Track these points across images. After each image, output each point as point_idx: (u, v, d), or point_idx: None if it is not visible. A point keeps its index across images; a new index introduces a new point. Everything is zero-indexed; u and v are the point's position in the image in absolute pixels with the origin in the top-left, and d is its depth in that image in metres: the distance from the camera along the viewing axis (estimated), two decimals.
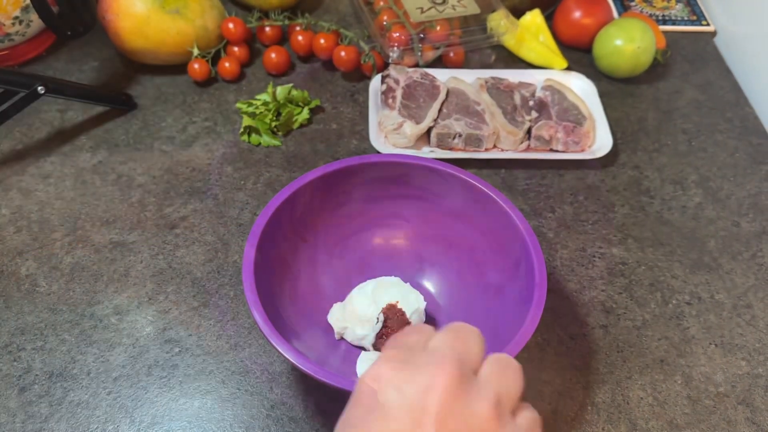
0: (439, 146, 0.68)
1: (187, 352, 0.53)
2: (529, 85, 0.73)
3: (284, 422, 0.49)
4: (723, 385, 0.54)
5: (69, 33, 0.67)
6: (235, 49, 0.76)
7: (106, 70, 0.76)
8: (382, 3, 0.78)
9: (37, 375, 0.51)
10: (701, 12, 0.89)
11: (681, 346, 0.56)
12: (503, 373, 0.29)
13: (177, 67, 0.75)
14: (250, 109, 0.71)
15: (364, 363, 0.50)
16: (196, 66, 0.73)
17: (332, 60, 0.75)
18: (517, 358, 0.54)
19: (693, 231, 0.65)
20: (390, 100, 0.68)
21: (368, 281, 0.53)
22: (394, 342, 0.30)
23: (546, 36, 0.80)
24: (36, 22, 0.72)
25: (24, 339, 0.53)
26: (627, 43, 0.74)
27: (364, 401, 0.26)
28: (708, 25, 0.88)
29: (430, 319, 0.54)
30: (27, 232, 0.60)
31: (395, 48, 0.73)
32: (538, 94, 0.72)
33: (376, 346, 0.51)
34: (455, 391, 0.26)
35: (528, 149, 0.69)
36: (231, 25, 0.74)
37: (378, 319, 0.49)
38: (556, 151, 0.69)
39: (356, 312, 0.50)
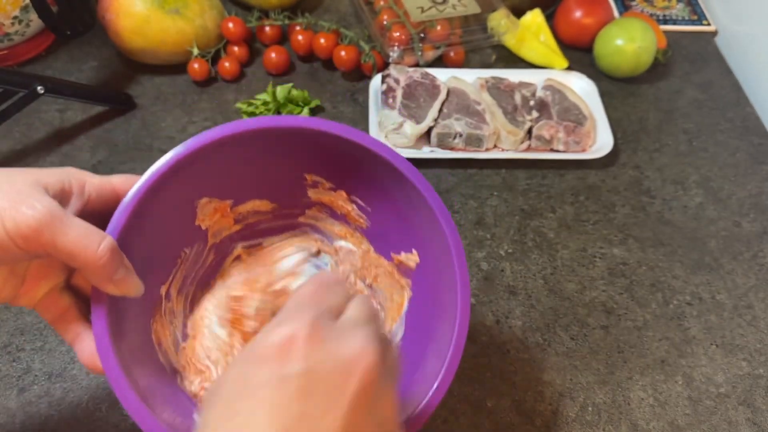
0: (439, 146, 0.68)
1: None
2: (530, 84, 0.73)
3: None
4: (724, 386, 0.53)
5: (68, 33, 0.67)
6: (235, 48, 0.76)
7: (105, 70, 0.76)
8: (382, 2, 0.77)
9: (36, 375, 0.51)
10: (702, 12, 0.89)
11: (682, 346, 0.56)
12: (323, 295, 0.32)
13: (177, 67, 0.75)
14: (250, 109, 0.70)
15: None
16: (195, 66, 0.73)
17: (332, 60, 0.75)
18: (517, 358, 0.54)
19: (694, 231, 0.64)
20: (390, 100, 0.68)
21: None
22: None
23: (547, 36, 0.80)
24: (35, 21, 0.72)
25: (23, 339, 0.53)
26: (628, 43, 0.74)
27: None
28: (709, 24, 0.87)
29: None
30: None
31: (395, 47, 0.73)
32: (539, 93, 0.72)
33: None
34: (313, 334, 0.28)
35: (528, 149, 0.69)
36: (231, 25, 0.74)
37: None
38: (557, 151, 0.69)
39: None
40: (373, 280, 0.48)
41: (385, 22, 0.75)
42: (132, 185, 0.36)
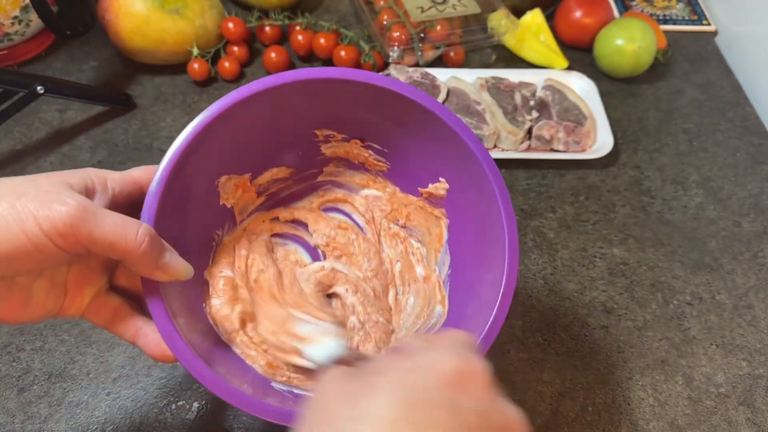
0: None
1: None
2: (530, 84, 0.73)
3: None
4: (724, 386, 0.53)
5: (68, 33, 0.67)
6: (235, 48, 0.76)
7: (105, 70, 0.76)
8: (382, 2, 0.77)
9: (36, 375, 0.51)
10: (702, 11, 0.89)
11: (682, 346, 0.56)
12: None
13: (176, 67, 0.75)
14: None
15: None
16: (195, 66, 0.73)
17: (332, 60, 0.75)
18: (517, 358, 0.54)
19: (694, 231, 0.64)
20: None
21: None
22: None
23: (547, 35, 0.80)
24: (35, 21, 0.72)
25: (23, 339, 0.53)
26: (628, 43, 0.74)
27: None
28: (709, 24, 0.87)
29: None
30: None
31: (395, 47, 0.73)
32: (539, 93, 0.72)
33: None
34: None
35: (529, 149, 0.69)
36: (231, 25, 0.74)
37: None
38: (557, 150, 0.69)
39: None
40: (406, 219, 0.49)
41: (385, 22, 0.75)
42: (152, 174, 0.36)
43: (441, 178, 0.45)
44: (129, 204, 0.36)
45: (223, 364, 0.38)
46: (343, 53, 0.74)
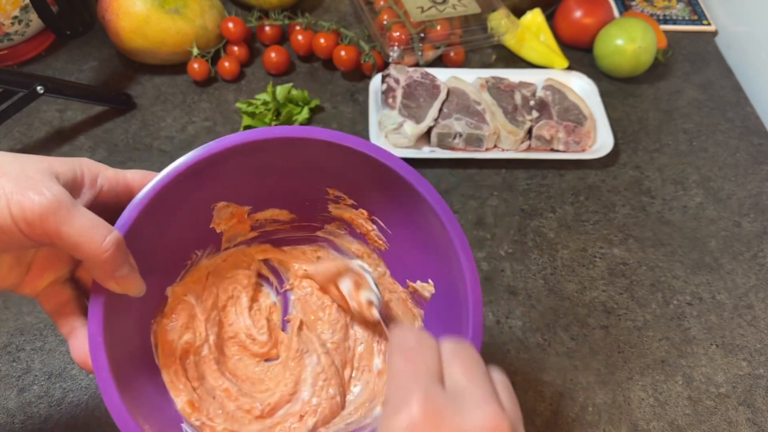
0: (439, 146, 0.68)
1: None
2: (530, 84, 0.73)
3: None
4: (724, 386, 0.53)
5: (68, 33, 0.67)
6: (235, 48, 0.76)
7: (105, 70, 0.76)
8: (382, 2, 0.77)
9: (36, 375, 0.51)
10: (702, 12, 0.89)
11: (682, 346, 0.56)
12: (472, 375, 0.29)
13: (176, 67, 0.75)
14: (250, 109, 0.70)
15: None
16: (195, 66, 0.73)
17: (332, 59, 0.75)
18: (517, 358, 0.54)
19: (694, 231, 0.64)
20: (390, 100, 0.68)
21: None
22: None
23: (547, 35, 0.80)
24: (35, 21, 0.72)
25: (23, 339, 0.53)
26: (628, 43, 0.74)
27: None
28: (709, 24, 0.87)
29: None
30: None
31: (395, 47, 0.73)
32: (539, 93, 0.72)
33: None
34: (431, 419, 0.26)
35: (529, 149, 0.69)
36: (231, 25, 0.74)
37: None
38: (557, 150, 0.69)
39: None
40: (386, 306, 0.47)
41: (385, 22, 0.75)
42: (147, 182, 0.36)
43: (430, 281, 0.44)
44: (116, 203, 0.35)
45: (143, 389, 0.37)
46: (343, 53, 0.74)
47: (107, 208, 0.34)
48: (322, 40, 0.75)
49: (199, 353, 0.43)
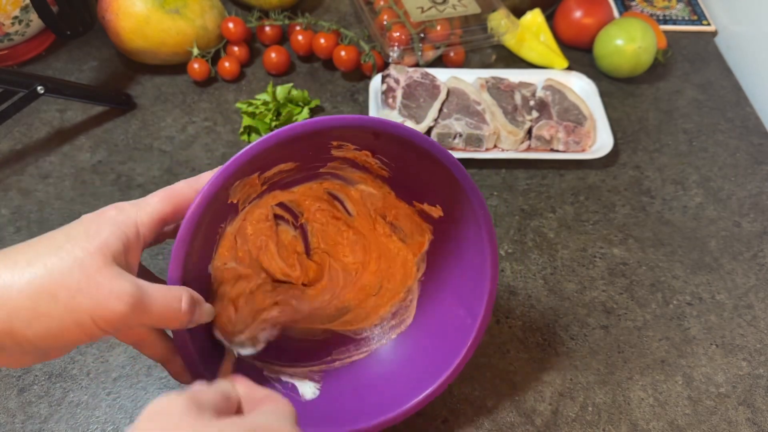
0: None
1: None
2: (530, 84, 0.73)
3: None
4: (724, 386, 0.53)
5: (68, 33, 0.67)
6: (235, 48, 0.76)
7: (105, 70, 0.76)
8: (382, 2, 0.77)
9: (36, 375, 0.51)
10: (702, 12, 0.89)
11: (682, 346, 0.56)
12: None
13: (177, 67, 0.75)
14: (250, 109, 0.70)
15: None
16: (195, 66, 0.73)
17: (332, 60, 0.75)
18: (517, 358, 0.54)
19: (694, 231, 0.64)
20: (390, 100, 0.68)
21: None
22: None
23: (547, 36, 0.80)
24: (35, 21, 0.72)
25: None
26: (628, 43, 0.74)
27: None
28: (709, 24, 0.87)
29: None
30: (26, 232, 0.60)
31: (395, 47, 0.73)
32: (539, 93, 0.72)
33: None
34: None
35: (528, 149, 0.69)
36: (231, 25, 0.74)
37: None
38: (557, 151, 0.69)
39: None
40: (394, 218, 0.50)
41: (385, 22, 0.75)
42: (174, 203, 0.37)
43: (438, 205, 0.46)
44: (155, 239, 0.37)
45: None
46: (343, 53, 0.74)
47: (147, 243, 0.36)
48: (322, 40, 0.75)
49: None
